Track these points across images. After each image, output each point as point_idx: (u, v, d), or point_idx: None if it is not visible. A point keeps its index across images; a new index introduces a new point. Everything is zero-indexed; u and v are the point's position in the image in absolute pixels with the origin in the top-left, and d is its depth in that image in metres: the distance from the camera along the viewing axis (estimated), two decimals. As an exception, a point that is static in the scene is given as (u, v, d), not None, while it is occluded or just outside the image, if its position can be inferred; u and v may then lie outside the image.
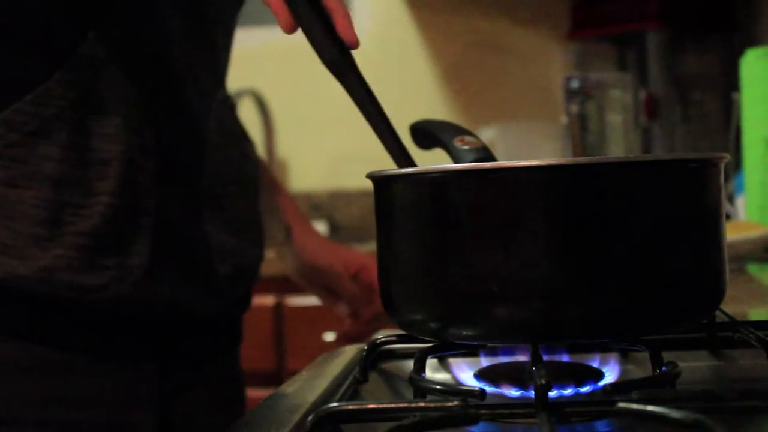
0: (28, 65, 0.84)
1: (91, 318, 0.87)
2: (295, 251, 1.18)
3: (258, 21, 1.06)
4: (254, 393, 1.04)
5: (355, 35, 0.72)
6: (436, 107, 2.57)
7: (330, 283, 1.18)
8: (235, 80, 1.14)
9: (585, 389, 0.59)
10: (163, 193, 0.89)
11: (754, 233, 1.30)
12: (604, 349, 0.65)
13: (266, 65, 2.62)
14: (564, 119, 2.12)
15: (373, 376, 0.69)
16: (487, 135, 2.26)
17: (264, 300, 2.05)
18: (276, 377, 2.03)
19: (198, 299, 0.94)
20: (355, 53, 0.73)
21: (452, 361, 0.69)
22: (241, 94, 2.50)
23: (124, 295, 0.85)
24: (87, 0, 0.86)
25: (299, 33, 0.75)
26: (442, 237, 0.59)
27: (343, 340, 1.19)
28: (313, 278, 1.19)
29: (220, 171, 0.96)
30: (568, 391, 0.58)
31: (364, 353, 0.68)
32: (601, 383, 0.59)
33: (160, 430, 0.91)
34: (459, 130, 0.74)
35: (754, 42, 1.84)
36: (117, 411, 0.89)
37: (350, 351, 0.77)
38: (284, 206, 1.19)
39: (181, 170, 0.92)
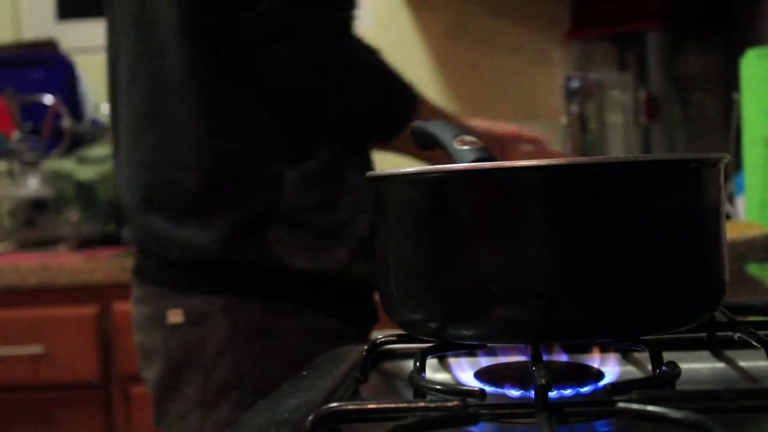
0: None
1: (348, 294, 1.23)
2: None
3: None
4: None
5: None
6: (436, 107, 2.56)
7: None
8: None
9: (585, 389, 0.59)
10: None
11: (754, 233, 1.30)
12: (604, 349, 0.65)
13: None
14: (564, 119, 2.12)
15: (373, 376, 0.69)
16: (487, 135, 2.26)
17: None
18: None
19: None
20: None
21: (452, 361, 0.69)
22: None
23: (368, 274, 1.19)
24: None
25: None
26: (442, 237, 0.59)
27: None
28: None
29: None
30: (568, 391, 0.58)
31: (364, 353, 0.68)
32: (601, 383, 0.59)
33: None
34: (459, 130, 0.73)
35: (754, 42, 1.83)
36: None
37: (350, 351, 0.77)
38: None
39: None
